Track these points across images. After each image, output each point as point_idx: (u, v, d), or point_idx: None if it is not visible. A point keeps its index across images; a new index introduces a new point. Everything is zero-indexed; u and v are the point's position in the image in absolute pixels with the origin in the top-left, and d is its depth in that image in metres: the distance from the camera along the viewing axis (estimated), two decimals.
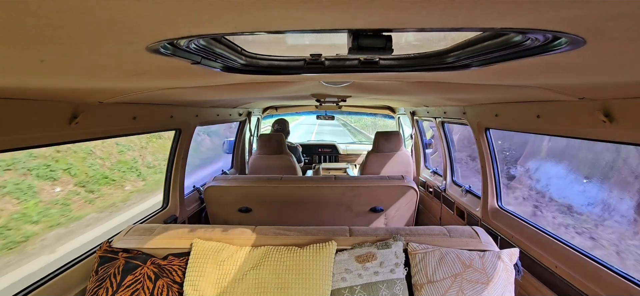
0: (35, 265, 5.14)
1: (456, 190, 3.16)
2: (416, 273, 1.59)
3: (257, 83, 1.49)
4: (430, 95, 2.23)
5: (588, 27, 0.51)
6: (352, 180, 2.91)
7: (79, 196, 7.22)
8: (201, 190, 3.18)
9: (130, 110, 1.82)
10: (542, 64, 0.82)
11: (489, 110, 2.20)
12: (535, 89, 1.33)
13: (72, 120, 1.44)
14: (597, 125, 1.32)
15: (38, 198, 6.41)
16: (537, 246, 1.89)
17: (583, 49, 0.61)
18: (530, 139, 5.45)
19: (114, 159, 8.97)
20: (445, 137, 3.36)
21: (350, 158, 5.82)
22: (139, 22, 0.49)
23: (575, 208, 3.83)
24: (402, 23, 0.54)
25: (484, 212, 2.47)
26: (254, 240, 1.74)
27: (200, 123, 2.81)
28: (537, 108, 1.67)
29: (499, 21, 0.52)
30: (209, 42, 0.82)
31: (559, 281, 1.69)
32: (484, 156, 2.44)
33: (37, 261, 5.28)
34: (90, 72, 0.87)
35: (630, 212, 3.13)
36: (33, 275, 4.46)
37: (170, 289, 1.58)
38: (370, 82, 1.62)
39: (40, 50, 0.60)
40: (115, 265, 1.58)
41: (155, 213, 2.52)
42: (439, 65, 1.02)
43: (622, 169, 3.17)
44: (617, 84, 1.01)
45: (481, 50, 0.85)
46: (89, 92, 1.24)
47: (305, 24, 0.53)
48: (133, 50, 0.66)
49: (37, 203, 6.31)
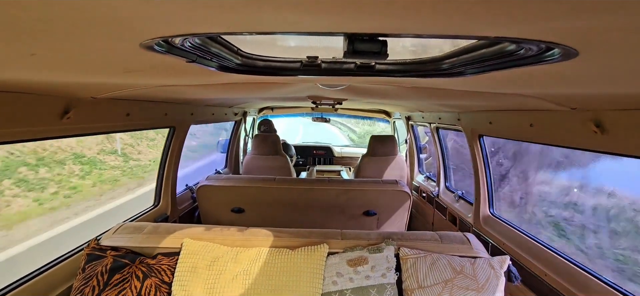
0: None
1: (449, 195, 3.17)
2: (407, 278, 1.59)
3: (253, 84, 1.49)
4: (425, 101, 2.24)
5: (580, 39, 0.52)
6: (345, 183, 2.92)
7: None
8: (194, 189, 3.15)
9: (123, 107, 1.80)
10: (535, 74, 0.83)
11: (483, 117, 2.21)
12: (528, 98, 1.34)
13: (64, 115, 1.42)
14: (589, 136, 1.34)
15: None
16: (528, 253, 1.91)
17: (576, 60, 0.62)
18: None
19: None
20: (440, 143, 3.37)
21: (345, 161, 5.82)
22: (132, 19, 0.48)
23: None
24: (398, 29, 0.54)
25: (476, 219, 2.48)
26: (245, 241, 1.73)
27: (195, 122, 2.79)
28: (530, 117, 1.69)
29: (493, 30, 0.52)
30: (204, 40, 0.81)
31: (548, 289, 1.71)
32: (477, 162, 2.45)
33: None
34: (82, 67, 0.85)
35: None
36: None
37: (158, 289, 1.56)
38: (366, 85, 1.63)
39: (30, 43, 0.59)
40: (102, 263, 1.56)
41: (146, 211, 2.49)
42: (435, 71, 1.02)
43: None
44: (609, 96, 1.02)
45: (476, 58, 0.86)
46: (81, 87, 1.22)
47: (301, 26, 0.53)
48: (126, 47, 0.65)
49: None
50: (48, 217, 6.59)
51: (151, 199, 2.66)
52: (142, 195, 8.85)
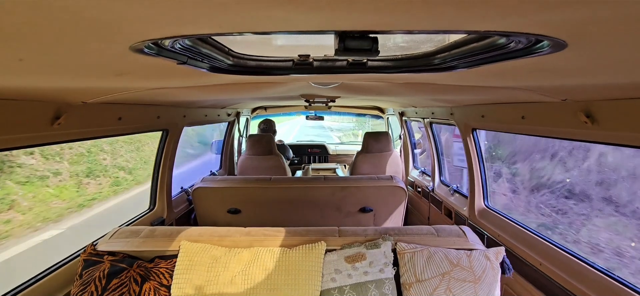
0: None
1: (444, 189, 3.20)
2: (405, 272, 1.60)
3: (245, 84, 1.48)
4: (418, 96, 2.25)
5: (569, 31, 0.53)
6: (341, 180, 2.92)
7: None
8: (189, 191, 3.14)
9: (115, 111, 1.78)
10: (525, 66, 0.84)
11: (476, 111, 2.23)
12: (519, 91, 1.36)
13: (55, 121, 1.40)
14: (579, 126, 1.35)
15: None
16: (523, 244, 1.93)
17: (565, 51, 0.63)
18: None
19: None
20: (434, 138, 3.39)
21: (340, 159, 5.84)
22: (121, 22, 0.48)
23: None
24: (388, 25, 0.54)
25: (471, 212, 2.51)
26: (243, 241, 1.72)
27: (188, 124, 2.77)
28: (522, 109, 1.70)
29: (483, 24, 0.52)
30: (194, 42, 0.81)
31: (544, 278, 1.73)
32: (470, 156, 2.47)
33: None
34: (71, 71, 0.84)
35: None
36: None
37: (157, 292, 1.55)
38: (358, 82, 1.63)
39: (18, 48, 0.58)
40: (100, 269, 1.55)
41: (141, 215, 2.48)
42: (426, 66, 1.03)
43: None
44: (598, 86, 1.03)
45: (467, 53, 0.86)
46: (71, 91, 1.21)
47: (291, 25, 0.53)
48: (116, 50, 0.65)
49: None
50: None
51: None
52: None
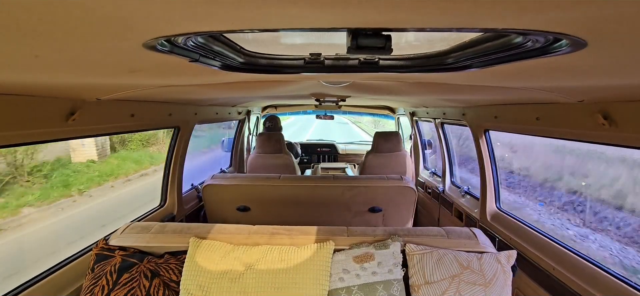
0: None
1: (455, 191, 3.15)
2: (414, 274, 1.58)
3: (256, 82, 1.48)
4: (429, 96, 2.22)
5: (590, 29, 0.51)
6: (350, 179, 2.91)
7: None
8: (199, 189, 3.17)
9: (128, 107, 1.81)
10: (542, 66, 0.82)
11: (489, 112, 2.19)
12: (534, 91, 1.33)
13: (69, 117, 1.43)
14: (596, 128, 1.31)
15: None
16: (535, 248, 1.89)
17: (584, 51, 0.61)
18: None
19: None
20: (445, 139, 3.35)
21: (350, 158, 5.82)
22: (134, 18, 0.48)
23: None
24: (402, 23, 0.53)
25: (482, 214, 2.46)
26: (251, 239, 1.73)
27: (199, 122, 2.80)
28: (537, 110, 1.66)
29: (500, 22, 0.51)
30: (207, 39, 0.81)
31: (556, 283, 1.69)
32: (482, 158, 2.43)
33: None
34: (86, 68, 0.86)
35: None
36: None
37: (166, 287, 1.57)
38: (370, 82, 1.61)
39: (33, 45, 0.59)
40: (111, 263, 1.57)
41: (152, 211, 2.51)
42: (439, 66, 1.01)
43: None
44: (618, 87, 1.00)
45: (481, 52, 0.84)
46: (86, 88, 1.23)
47: (304, 22, 0.53)
48: (129, 47, 0.65)
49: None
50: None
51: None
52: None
